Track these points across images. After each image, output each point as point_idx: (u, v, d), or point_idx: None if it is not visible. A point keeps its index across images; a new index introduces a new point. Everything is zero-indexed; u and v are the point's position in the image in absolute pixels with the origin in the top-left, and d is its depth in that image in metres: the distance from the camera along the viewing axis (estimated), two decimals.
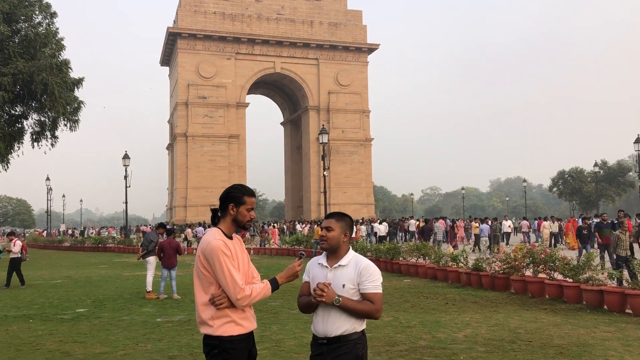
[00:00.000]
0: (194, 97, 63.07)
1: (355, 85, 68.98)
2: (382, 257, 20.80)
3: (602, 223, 19.57)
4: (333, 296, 3.53)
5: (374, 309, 3.57)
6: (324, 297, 3.51)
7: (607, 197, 75.59)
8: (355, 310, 3.55)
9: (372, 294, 3.58)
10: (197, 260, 3.58)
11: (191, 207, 61.82)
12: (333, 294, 3.54)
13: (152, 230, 16.50)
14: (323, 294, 3.52)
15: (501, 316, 10.84)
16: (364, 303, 3.57)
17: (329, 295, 3.52)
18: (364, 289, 3.59)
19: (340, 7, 69.90)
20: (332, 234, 3.70)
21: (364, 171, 68.74)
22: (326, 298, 3.51)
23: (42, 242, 54.10)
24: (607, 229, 18.83)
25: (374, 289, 3.59)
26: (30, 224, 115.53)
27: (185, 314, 11.85)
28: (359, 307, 3.55)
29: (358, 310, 3.55)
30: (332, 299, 3.52)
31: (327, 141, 35.85)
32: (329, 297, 3.52)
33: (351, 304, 3.54)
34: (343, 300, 3.53)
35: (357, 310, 3.55)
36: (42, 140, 34.94)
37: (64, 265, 27.70)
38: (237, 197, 3.67)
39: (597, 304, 11.49)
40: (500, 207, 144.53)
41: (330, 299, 3.52)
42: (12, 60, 30.63)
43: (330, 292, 3.53)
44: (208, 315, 3.51)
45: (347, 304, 3.54)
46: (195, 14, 63.95)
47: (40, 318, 11.78)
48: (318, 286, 3.56)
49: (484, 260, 15.73)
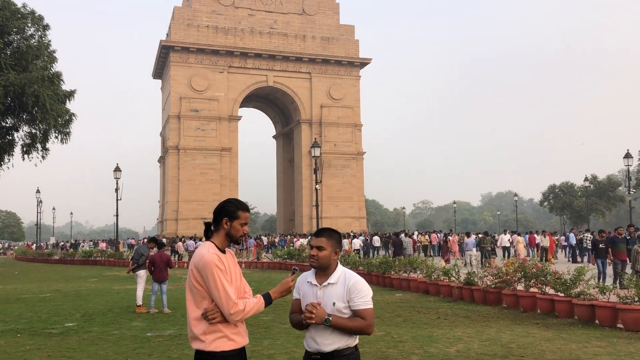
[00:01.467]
0: (186, 110, 63.07)
1: (348, 99, 69.26)
2: (374, 271, 20.75)
3: (616, 237, 18.25)
4: (323, 316, 3.51)
5: (366, 325, 3.56)
6: (314, 319, 3.51)
7: (598, 212, 76.04)
8: (346, 328, 3.54)
9: (362, 310, 3.57)
10: (190, 274, 3.55)
11: (182, 220, 61.53)
12: (323, 313, 3.52)
13: (143, 244, 16.38)
14: (312, 315, 3.51)
15: (493, 331, 10.82)
16: (355, 320, 3.56)
17: (319, 316, 3.51)
18: (354, 305, 3.58)
19: (332, 21, 70.38)
20: (323, 253, 3.68)
21: (356, 185, 68.80)
22: (316, 319, 3.50)
23: (31, 255, 53.59)
24: (622, 244, 17.91)
25: (364, 305, 3.58)
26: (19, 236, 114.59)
27: (176, 329, 11.75)
28: (349, 324, 3.54)
29: (349, 328, 3.54)
30: (322, 319, 3.51)
31: (319, 154, 35.90)
32: (318, 317, 3.51)
33: (342, 323, 3.53)
34: (333, 319, 3.51)
35: (348, 328, 3.54)
36: (33, 152, 34.75)
37: (53, 279, 27.43)
38: (231, 211, 3.65)
39: (588, 318, 11.51)
40: (492, 221, 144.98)
41: (321, 319, 3.51)
42: (3, 72, 30.53)
43: (319, 312, 3.52)
44: (200, 330, 3.47)
45: (338, 323, 3.52)
46: (189, 27, 64.15)
47: (29, 332, 11.63)
48: (307, 308, 3.55)
49: (475, 274, 15.73)
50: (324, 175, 62.29)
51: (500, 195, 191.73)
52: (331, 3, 70.84)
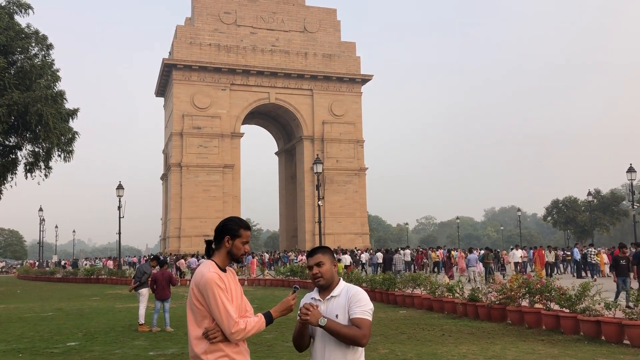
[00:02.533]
0: (188, 127, 63.31)
1: (349, 116, 69.48)
2: (377, 287, 20.64)
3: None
4: (318, 317, 3.47)
5: (360, 334, 3.48)
6: (309, 317, 3.46)
7: (602, 226, 75.77)
8: (340, 333, 3.46)
9: (359, 319, 3.51)
10: (191, 293, 3.53)
11: (185, 238, 61.45)
12: (318, 315, 3.48)
13: (145, 262, 16.33)
14: (308, 312, 3.47)
15: (498, 348, 10.72)
16: (351, 327, 3.50)
17: (314, 315, 3.47)
18: (352, 314, 3.53)
19: (334, 38, 70.87)
20: (324, 268, 3.67)
21: (358, 201, 68.73)
22: (311, 317, 3.46)
23: (34, 274, 53.45)
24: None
25: (361, 314, 3.52)
26: (22, 255, 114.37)
27: (178, 347, 11.66)
28: (344, 330, 3.47)
29: (343, 333, 3.46)
30: (317, 319, 3.47)
31: (321, 171, 35.93)
32: (313, 316, 3.47)
33: (336, 327, 3.47)
34: (328, 322, 3.46)
35: (342, 333, 3.46)
36: (36, 170, 34.82)
37: (55, 297, 27.33)
38: (233, 229, 3.65)
39: (594, 334, 11.39)
40: (495, 237, 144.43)
41: (316, 319, 3.46)
42: (7, 91, 30.73)
43: (315, 313, 3.48)
44: (201, 349, 3.44)
45: (332, 326, 3.47)
46: (191, 45, 64.65)
47: (30, 352, 11.55)
48: (304, 306, 3.52)
49: (479, 290, 15.62)
50: (326, 191, 62.27)
51: (503, 211, 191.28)
52: (332, 20, 71.42)
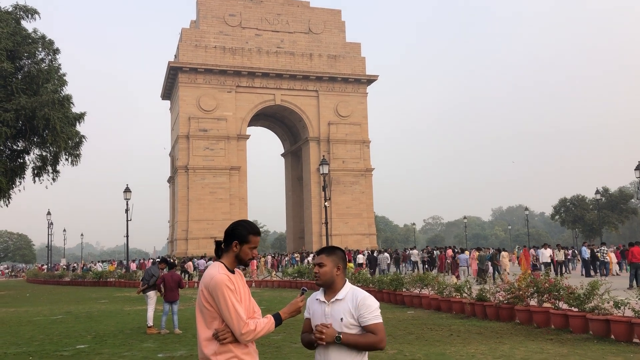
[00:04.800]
0: (194, 130, 63.49)
1: (355, 116, 69.46)
2: (385, 288, 20.63)
3: None
4: (333, 335, 3.53)
5: (377, 339, 3.57)
6: (324, 338, 3.52)
7: (610, 225, 75.34)
8: (358, 345, 3.54)
9: (372, 325, 3.57)
10: (200, 294, 3.55)
11: (192, 240, 61.61)
12: (333, 332, 3.54)
13: (153, 264, 16.40)
14: (322, 336, 3.53)
15: (507, 347, 10.69)
16: (367, 336, 3.56)
17: (329, 335, 3.53)
18: (364, 321, 3.58)
19: (339, 39, 70.89)
20: (324, 269, 3.73)
21: (365, 201, 68.68)
22: (327, 338, 3.52)
23: (43, 277, 53.77)
24: None
25: (374, 320, 3.58)
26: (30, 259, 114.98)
27: (187, 349, 11.70)
28: (361, 340, 3.55)
29: (361, 343, 3.55)
30: (332, 338, 3.52)
31: (327, 172, 35.94)
32: (329, 336, 3.53)
33: (353, 339, 3.54)
34: (344, 337, 3.53)
35: (360, 344, 3.54)
36: (44, 175, 35.03)
37: (64, 301, 27.47)
38: (242, 235, 3.67)
39: (603, 333, 11.33)
40: (503, 236, 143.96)
41: (331, 338, 3.52)
42: (14, 96, 30.94)
43: (329, 332, 3.54)
44: (211, 350, 3.47)
45: (349, 340, 3.53)
46: (196, 48, 64.84)
47: (40, 355, 11.62)
48: (317, 329, 3.58)
49: (487, 290, 15.58)
50: (333, 192, 62.27)
51: (510, 210, 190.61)
52: (337, 21, 71.45)
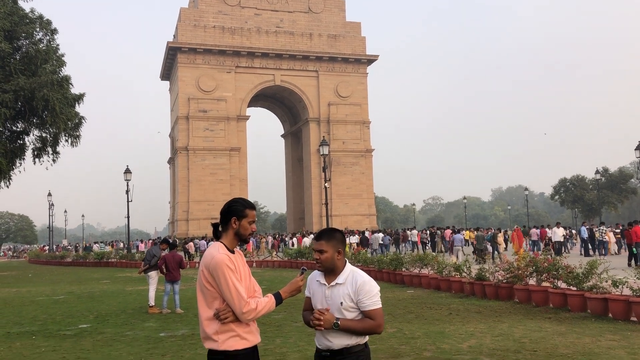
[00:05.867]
0: (194, 110, 63.27)
1: (355, 97, 69.14)
2: (384, 268, 20.76)
3: None
4: (331, 321, 3.56)
5: (375, 325, 3.60)
6: (323, 324, 3.55)
7: (610, 204, 75.51)
8: (355, 330, 3.58)
9: (371, 311, 3.60)
10: (201, 275, 3.57)
11: (193, 221, 61.79)
12: (331, 318, 3.56)
13: (155, 245, 16.48)
14: (321, 322, 3.55)
15: (505, 326, 10.79)
16: (364, 321, 3.60)
17: (327, 321, 3.55)
18: (363, 307, 3.61)
19: (339, 19, 70.26)
20: (325, 256, 3.71)
21: (365, 182, 68.71)
22: (325, 324, 3.55)
23: (44, 258, 54.04)
24: None
25: (372, 306, 3.60)
26: (32, 240, 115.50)
27: (188, 329, 11.81)
28: (359, 326, 3.58)
29: (359, 329, 3.58)
30: (330, 324, 3.55)
31: (327, 153, 35.89)
32: (327, 322, 3.55)
33: (351, 325, 3.57)
34: (342, 323, 3.56)
35: (357, 330, 3.58)
36: (44, 156, 35.05)
37: (66, 281, 27.66)
38: (239, 210, 3.68)
39: (601, 312, 11.43)
40: (503, 216, 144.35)
41: (329, 324, 3.55)
42: (13, 77, 30.80)
43: (327, 318, 3.56)
44: (212, 329, 3.50)
45: (347, 325, 3.57)
46: (195, 28, 64.32)
47: (43, 334, 11.74)
48: (315, 315, 3.60)
49: (486, 269, 15.69)
50: (333, 173, 62.25)
51: (510, 190, 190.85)
52: (337, 0, 70.75)
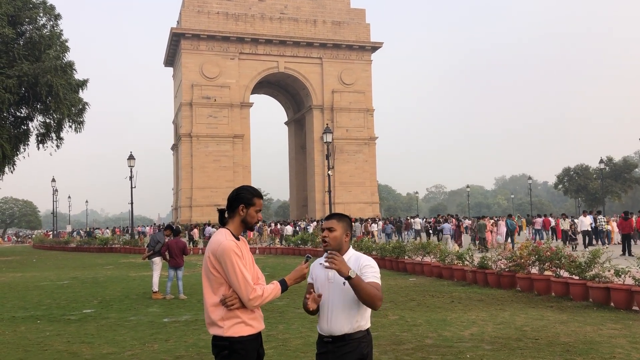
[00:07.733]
0: (198, 97, 63.19)
1: (359, 84, 68.90)
2: (387, 255, 20.81)
3: None
4: (348, 267, 3.43)
5: (378, 294, 3.50)
6: (336, 264, 3.41)
7: (613, 194, 75.35)
8: (363, 290, 3.43)
9: (374, 282, 3.55)
10: (207, 261, 3.59)
11: (196, 207, 61.97)
12: (347, 267, 3.43)
13: (159, 231, 16.55)
14: (335, 260, 3.41)
15: (507, 314, 10.83)
16: (370, 285, 3.49)
17: (343, 264, 3.43)
18: (366, 277, 3.53)
19: (343, 5, 69.83)
20: (334, 234, 3.71)
21: (368, 170, 68.71)
22: (340, 265, 3.42)
23: (49, 243, 54.32)
24: None
25: (375, 278, 3.57)
26: (36, 225, 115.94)
27: (191, 314, 11.89)
28: (368, 287, 3.46)
29: (367, 290, 3.44)
30: (347, 270, 3.41)
31: (331, 140, 35.83)
32: (343, 265, 3.42)
33: (362, 282, 3.45)
34: (355, 277, 3.42)
35: (365, 291, 3.43)
36: (48, 141, 35.13)
37: (71, 267, 27.80)
38: (247, 198, 3.70)
39: (603, 301, 11.46)
40: (506, 205, 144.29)
41: (347, 269, 3.41)
42: (17, 62, 30.77)
43: (344, 265, 3.43)
44: (218, 316, 3.53)
45: (359, 281, 3.43)
46: (199, 14, 64.03)
47: (48, 319, 11.84)
48: (329, 253, 3.48)
49: (489, 258, 15.72)
50: (336, 161, 62.23)
51: (514, 179, 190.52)
52: None
